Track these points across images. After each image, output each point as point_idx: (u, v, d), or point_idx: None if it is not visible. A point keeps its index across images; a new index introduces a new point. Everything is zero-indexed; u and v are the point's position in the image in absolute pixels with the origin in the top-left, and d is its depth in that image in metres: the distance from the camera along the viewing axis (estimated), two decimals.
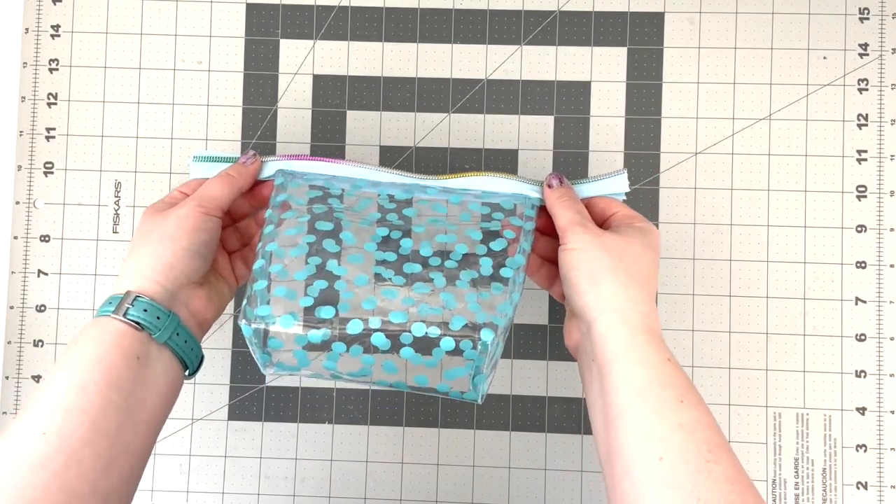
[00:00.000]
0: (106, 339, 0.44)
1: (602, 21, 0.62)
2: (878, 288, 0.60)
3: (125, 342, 0.45)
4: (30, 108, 0.63)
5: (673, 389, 0.43)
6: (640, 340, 0.45)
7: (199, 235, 0.49)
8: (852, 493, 0.59)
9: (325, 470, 0.61)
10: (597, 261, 0.47)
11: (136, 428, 0.44)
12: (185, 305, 0.48)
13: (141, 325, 0.45)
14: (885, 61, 0.61)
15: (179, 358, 0.47)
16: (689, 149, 0.61)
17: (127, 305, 0.45)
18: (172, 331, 0.46)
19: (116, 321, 0.45)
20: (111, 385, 0.43)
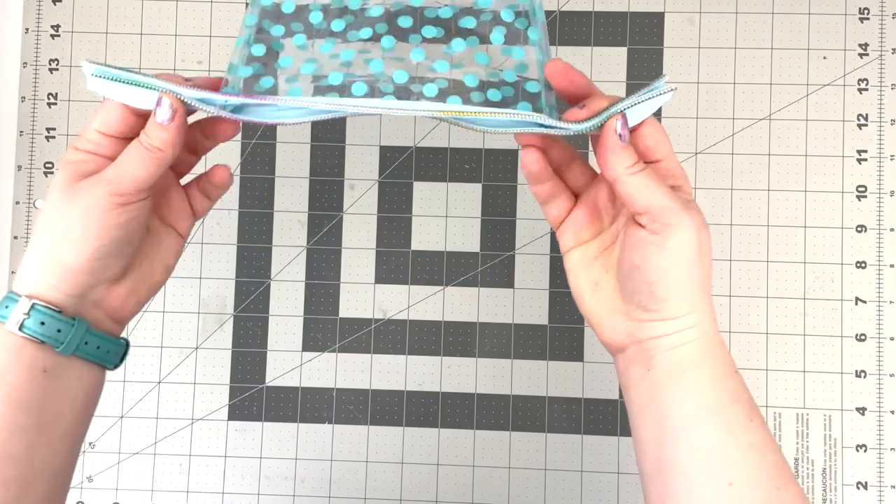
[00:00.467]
0: (4, 354, 0.39)
1: (602, 21, 0.62)
2: (878, 288, 0.60)
3: (26, 355, 0.39)
4: (30, 108, 0.63)
5: (742, 406, 0.39)
6: (712, 352, 0.40)
7: (112, 235, 0.39)
8: (852, 493, 0.59)
9: (325, 470, 0.61)
10: (693, 272, 0.39)
11: (53, 446, 0.39)
12: (97, 306, 0.41)
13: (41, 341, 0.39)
14: (885, 61, 0.61)
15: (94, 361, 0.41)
16: (689, 149, 0.61)
17: (22, 316, 0.38)
18: (80, 340, 0.40)
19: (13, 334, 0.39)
20: (14, 405, 0.38)
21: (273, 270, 0.61)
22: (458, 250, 0.61)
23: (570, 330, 0.61)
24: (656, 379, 0.40)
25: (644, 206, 0.39)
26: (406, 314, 0.61)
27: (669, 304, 0.39)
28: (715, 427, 0.39)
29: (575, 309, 0.44)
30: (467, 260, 0.61)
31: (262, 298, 0.61)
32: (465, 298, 0.61)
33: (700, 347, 0.40)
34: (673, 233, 0.39)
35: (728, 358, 0.40)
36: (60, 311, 0.39)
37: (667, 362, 0.40)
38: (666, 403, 0.39)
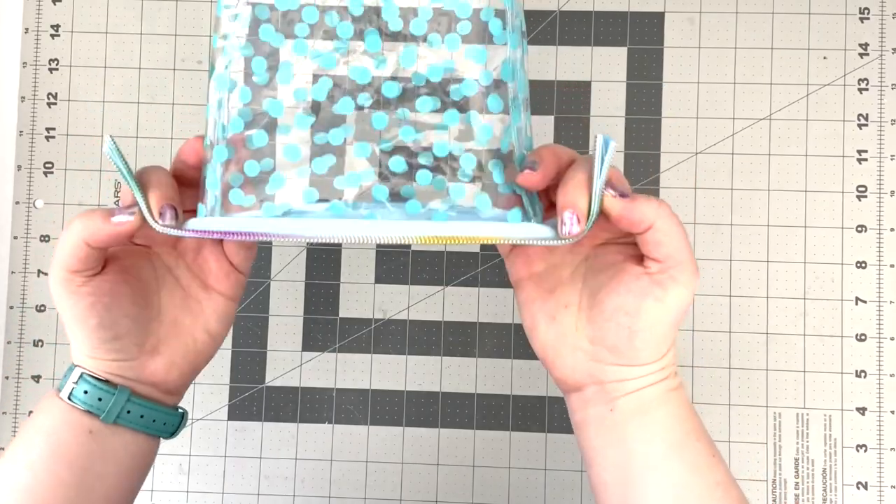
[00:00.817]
0: (57, 414, 0.41)
1: (602, 21, 0.62)
2: (879, 288, 0.60)
3: (74, 417, 0.40)
4: (30, 108, 0.63)
5: (704, 442, 0.39)
6: (675, 391, 0.40)
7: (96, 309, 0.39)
8: (852, 494, 0.59)
9: (325, 470, 0.61)
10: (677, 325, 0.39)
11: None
12: (138, 380, 0.41)
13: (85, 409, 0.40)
14: (886, 61, 0.61)
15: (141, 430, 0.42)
16: (689, 149, 0.61)
17: (73, 385, 0.40)
18: (121, 408, 0.40)
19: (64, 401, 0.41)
20: (60, 461, 0.40)
21: (273, 270, 0.61)
22: (458, 250, 0.61)
23: None
24: (618, 420, 0.39)
25: (666, 255, 0.37)
26: (406, 314, 0.61)
27: (644, 353, 0.38)
28: (682, 467, 0.38)
29: None
30: (467, 260, 0.61)
31: (262, 298, 0.61)
32: (465, 298, 0.61)
33: (664, 388, 0.39)
34: (675, 289, 0.37)
35: (686, 395, 0.40)
36: (107, 381, 0.41)
37: (631, 403, 0.39)
38: (630, 443, 0.39)
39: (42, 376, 0.61)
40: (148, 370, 0.42)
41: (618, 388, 0.39)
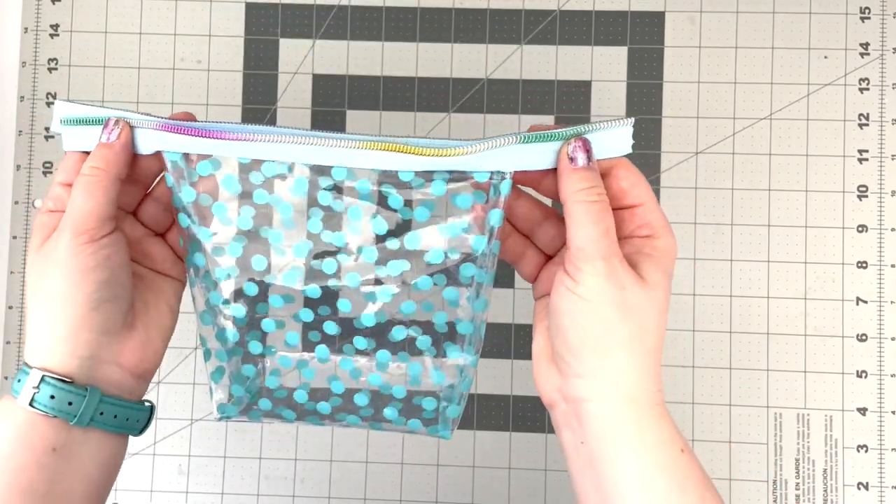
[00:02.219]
0: (13, 433, 0.37)
1: (602, 20, 0.62)
2: (880, 288, 0.60)
3: (35, 435, 0.37)
4: (29, 108, 0.63)
5: (693, 493, 0.36)
6: (651, 433, 0.36)
7: (95, 277, 0.37)
8: (853, 494, 0.59)
9: (325, 470, 0.61)
10: (611, 327, 0.36)
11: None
12: (114, 364, 0.39)
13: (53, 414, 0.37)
14: (886, 61, 0.61)
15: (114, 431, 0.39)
16: (690, 149, 0.61)
17: (33, 390, 0.37)
18: (94, 410, 0.37)
19: (24, 410, 0.37)
20: (24, 491, 0.36)
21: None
22: None
23: None
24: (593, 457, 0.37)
25: (573, 241, 0.37)
26: None
27: (584, 357, 0.37)
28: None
29: None
30: None
31: None
32: None
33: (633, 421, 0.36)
34: (584, 280, 0.36)
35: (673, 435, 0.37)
36: (72, 381, 0.37)
37: (598, 433, 0.37)
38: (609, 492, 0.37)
39: None
40: (127, 347, 0.40)
41: (584, 413, 0.37)
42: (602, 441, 0.37)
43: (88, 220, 0.37)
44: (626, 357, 0.37)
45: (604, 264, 0.36)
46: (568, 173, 0.37)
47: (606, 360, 0.37)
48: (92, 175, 0.38)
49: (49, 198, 0.40)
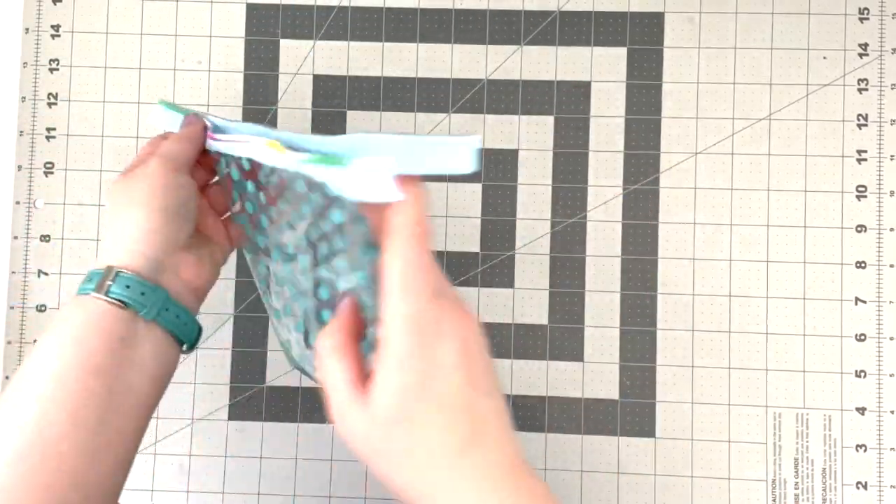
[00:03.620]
0: (85, 320, 0.41)
1: (602, 21, 0.62)
2: (878, 288, 0.60)
3: (106, 323, 0.41)
4: (30, 108, 0.63)
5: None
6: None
7: (173, 193, 0.44)
8: (852, 494, 0.59)
9: (325, 470, 0.61)
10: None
11: (123, 415, 0.41)
12: (175, 274, 0.44)
13: (125, 304, 0.41)
14: (885, 61, 0.61)
15: (172, 333, 0.43)
16: (689, 149, 0.61)
17: (108, 282, 0.41)
18: (161, 306, 0.42)
19: (98, 300, 0.41)
20: (90, 372, 0.40)
21: None
22: (458, 250, 0.61)
23: (571, 330, 0.61)
24: None
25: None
26: None
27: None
28: None
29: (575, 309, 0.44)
30: (467, 260, 0.61)
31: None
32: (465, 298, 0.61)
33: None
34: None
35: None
36: (143, 278, 0.42)
37: None
38: None
39: None
40: (186, 261, 0.45)
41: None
42: None
43: (175, 156, 0.45)
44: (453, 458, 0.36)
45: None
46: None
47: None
48: (181, 135, 0.47)
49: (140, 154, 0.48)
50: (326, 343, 0.36)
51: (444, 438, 0.33)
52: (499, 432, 0.33)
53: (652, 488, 0.59)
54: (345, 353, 0.36)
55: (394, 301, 0.34)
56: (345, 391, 0.34)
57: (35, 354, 0.41)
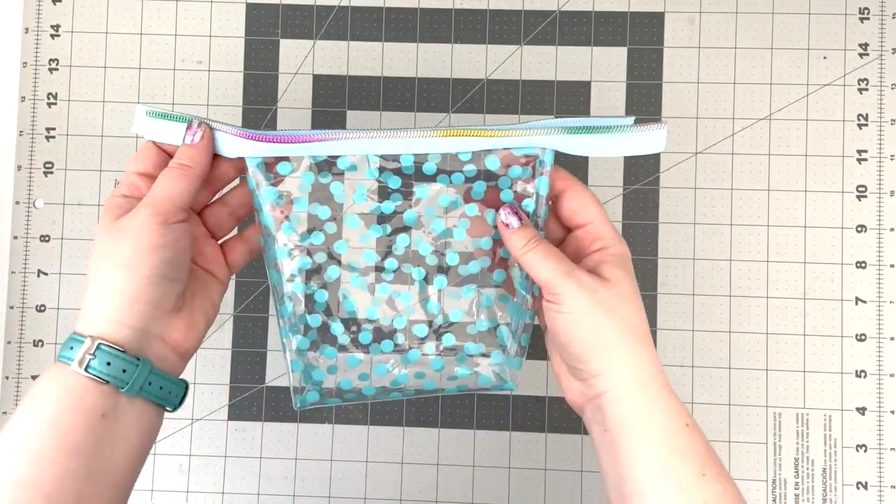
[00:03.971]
0: (64, 397, 0.39)
1: (602, 21, 0.62)
2: (879, 288, 0.60)
3: (87, 400, 0.39)
4: (30, 108, 0.63)
5: (693, 462, 0.40)
6: (658, 409, 0.41)
7: (161, 255, 0.41)
8: (852, 493, 0.59)
9: (325, 470, 0.61)
10: (602, 328, 0.41)
11: (102, 492, 0.39)
12: (161, 340, 0.42)
13: (105, 381, 0.39)
14: (885, 61, 0.61)
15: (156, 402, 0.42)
16: (689, 149, 0.61)
17: (89, 356, 0.39)
18: (143, 381, 0.40)
19: (77, 374, 0.39)
20: (69, 452, 0.38)
21: None
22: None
23: None
24: (612, 440, 0.41)
25: (539, 280, 0.43)
26: None
27: (591, 361, 0.42)
28: (667, 488, 0.39)
29: None
30: None
31: (262, 298, 0.61)
32: None
33: (643, 402, 0.41)
34: (563, 300, 0.42)
35: (679, 411, 0.41)
36: (125, 351, 0.40)
37: (615, 418, 0.41)
38: (622, 466, 0.41)
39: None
40: (173, 327, 0.43)
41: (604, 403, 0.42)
42: (619, 423, 0.41)
43: (168, 204, 0.42)
44: (621, 346, 0.42)
45: (574, 281, 0.42)
46: (508, 236, 0.44)
47: (609, 356, 0.42)
48: (178, 168, 0.43)
49: (124, 183, 0.44)
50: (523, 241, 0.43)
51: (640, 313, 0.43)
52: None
53: None
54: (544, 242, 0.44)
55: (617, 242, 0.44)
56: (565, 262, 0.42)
57: (10, 431, 0.39)
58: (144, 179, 0.44)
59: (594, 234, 0.44)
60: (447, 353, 0.47)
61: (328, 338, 0.47)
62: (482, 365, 0.48)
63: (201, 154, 0.43)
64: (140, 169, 0.44)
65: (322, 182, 0.45)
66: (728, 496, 0.40)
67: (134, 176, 0.44)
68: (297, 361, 0.47)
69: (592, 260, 0.44)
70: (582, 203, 0.45)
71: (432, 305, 0.47)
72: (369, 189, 0.45)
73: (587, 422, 0.44)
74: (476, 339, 0.47)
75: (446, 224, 0.46)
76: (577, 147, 0.44)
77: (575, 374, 0.44)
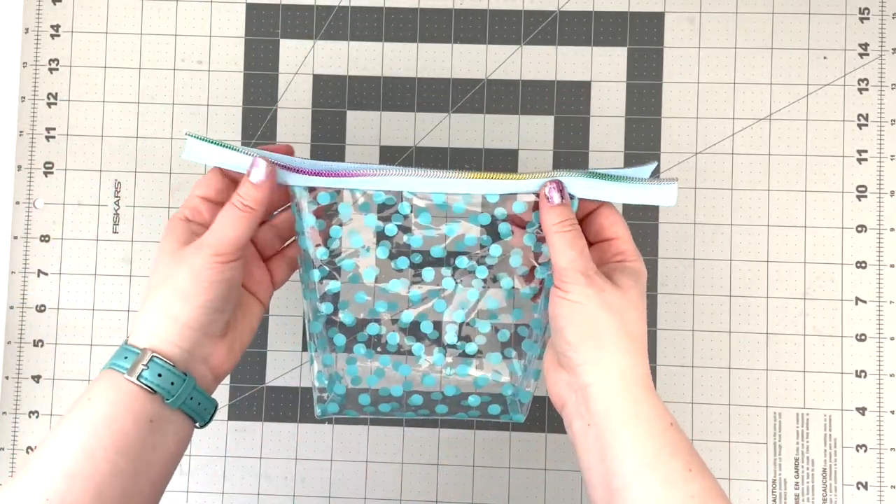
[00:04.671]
0: (118, 399, 0.42)
1: (602, 21, 0.62)
2: (879, 288, 0.60)
3: (138, 405, 0.42)
4: (30, 108, 0.63)
5: (680, 457, 0.42)
6: (645, 407, 0.43)
7: (217, 289, 0.44)
8: (852, 494, 0.59)
9: (325, 470, 0.61)
10: (599, 321, 0.43)
11: (142, 492, 0.42)
12: (204, 362, 0.46)
13: (153, 391, 0.43)
14: (886, 61, 0.61)
15: (191, 416, 0.45)
16: (689, 149, 0.61)
17: (142, 366, 0.43)
18: (187, 395, 0.44)
19: (129, 382, 0.43)
20: (120, 451, 0.41)
21: None
22: None
23: None
24: (598, 435, 0.43)
25: (556, 262, 0.44)
26: None
27: (583, 348, 0.43)
28: (654, 481, 0.41)
29: None
30: None
31: None
32: None
33: (630, 399, 0.43)
34: (571, 289, 0.43)
35: (663, 411, 0.43)
36: (175, 366, 0.43)
37: (601, 411, 0.43)
38: (609, 461, 0.42)
39: (42, 376, 0.61)
40: (217, 351, 0.46)
41: (588, 395, 0.43)
42: (605, 417, 0.43)
43: (229, 246, 0.44)
44: (616, 343, 0.43)
45: (585, 277, 0.44)
46: (546, 209, 0.45)
47: (601, 348, 0.43)
48: (242, 210, 0.45)
49: (187, 206, 0.47)
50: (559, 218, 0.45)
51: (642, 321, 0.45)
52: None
53: None
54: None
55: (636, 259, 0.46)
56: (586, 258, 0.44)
57: (65, 426, 0.42)
58: (207, 204, 0.47)
59: (617, 248, 0.47)
60: (461, 381, 0.50)
61: (352, 356, 0.50)
62: (493, 396, 0.50)
63: (265, 195, 0.45)
64: (204, 193, 0.47)
65: (358, 214, 0.48)
66: (713, 491, 0.41)
67: (197, 200, 0.47)
68: (321, 374, 0.50)
69: (609, 267, 0.46)
70: (612, 220, 0.47)
71: (451, 336, 0.49)
72: (402, 224, 0.48)
73: (568, 416, 0.45)
74: (489, 370, 0.50)
75: (469, 261, 0.49)
76: (595, 193, 0.46)
77: (564, 363, 0.45)
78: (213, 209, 0.46)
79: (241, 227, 0.44)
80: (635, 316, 0.44)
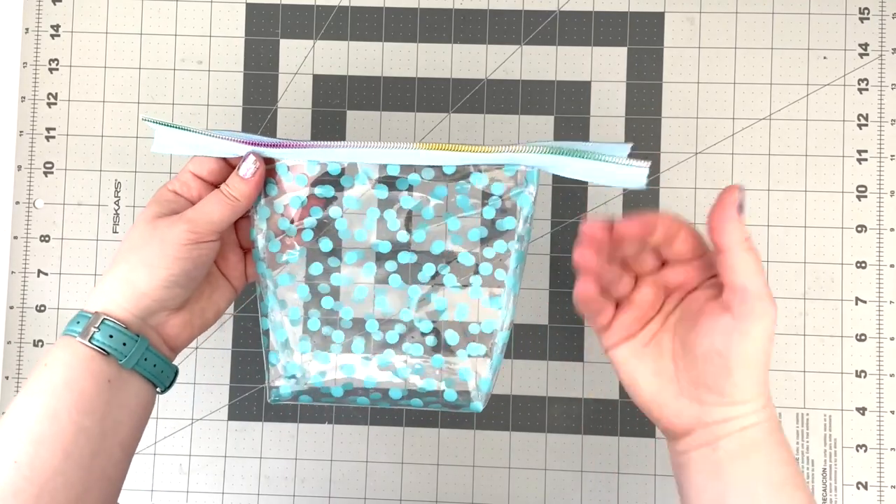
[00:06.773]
0: (75, 362, 0.43)
1: (602, 21, 0.62)
2: (879, 288, 0.60)
3: (95, 366, 0.43)
4: (30, 108, 0.63)
5: (803, 491, 0.41)
6: (777, 437, 0.41)
7: (183, 266, 0.44)
8: (852, 494, 0.59)
9: (325, 470, 0.61)
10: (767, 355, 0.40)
11: (111, 453, 0.43)
12: (155, 331, 0.46)
13: (106, 352, 0.43)
14: (886, 61, 0.61)
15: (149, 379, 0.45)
16: (689, 149, 0.61)
17: (93, 329, 0.43)
18: (140, 356, 0.44)
19: (83, 345, 0.43)
20: (83, 411, 0.42)
21: None
22: None
23: (570, 330, 0.61)
24: (721, 458, 0.41)
25: (742, 286, 0.39)
26: None
27: (743, 389, 0.40)
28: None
29: (575, 309, 0.44)
30: None
31: None
32: None
33: (766, 431, 0.41)
34: (757, 320, 0.39)
35: (788, 444, 0.41)
36: (126, 328, 0.44)
37: (734, 442, 0.40)
38: (730, 480, 0.40)
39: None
40: (169, 323, 0.46)
41: (723, 428, 0.41)
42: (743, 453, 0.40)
43: (207, 226, 0.45)
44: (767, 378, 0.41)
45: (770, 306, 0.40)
46: (735, 222, 0.40)
47: (760, 385, 0.41)
48: (229, 199, 0.45)
49: (177, 180, 0.47)
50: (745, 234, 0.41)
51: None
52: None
53: (652, 488, 0.59)
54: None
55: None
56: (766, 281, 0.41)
57: (27, 393, 0.42)
58: (197, 182, 0.47)
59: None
60: (417, 359, 0.48)
61: (306, 333, 0.48)
62: (449, 381, 0.48)
63: (252, 190, 0.46)
64: (197, 171, 0.47)
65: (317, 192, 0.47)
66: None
67: (189, 175, 0.47)
68: (275, 353, 0.48)
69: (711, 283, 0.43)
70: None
71: (405, 314, 0.48)
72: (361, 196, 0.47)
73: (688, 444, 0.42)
74: (444, 352, 0.48)
75: (427, 234, 0.47)
76: (559, 169, 0.44)
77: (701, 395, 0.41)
78: (203, 187, 0.47)
79: (223, 213, 0.45)
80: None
